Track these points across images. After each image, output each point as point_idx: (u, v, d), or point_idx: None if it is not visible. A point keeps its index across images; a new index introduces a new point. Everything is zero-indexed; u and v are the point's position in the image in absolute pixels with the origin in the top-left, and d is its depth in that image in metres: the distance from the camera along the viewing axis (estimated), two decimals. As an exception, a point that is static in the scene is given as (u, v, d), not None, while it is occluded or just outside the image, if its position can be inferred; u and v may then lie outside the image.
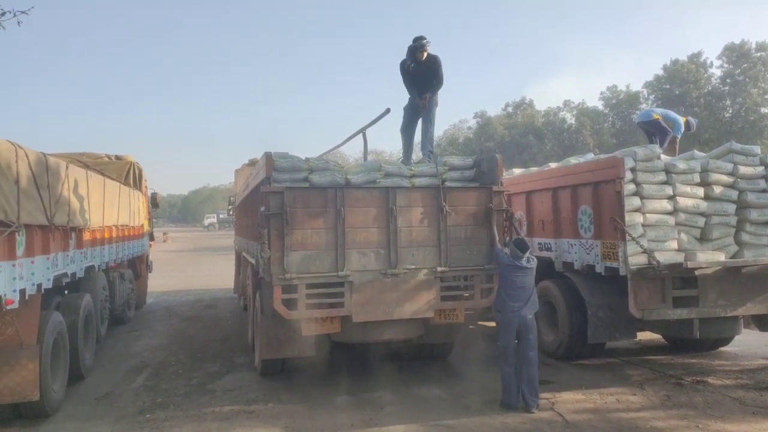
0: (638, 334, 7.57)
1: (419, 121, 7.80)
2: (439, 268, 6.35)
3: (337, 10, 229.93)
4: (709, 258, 6.53)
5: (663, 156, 7.09)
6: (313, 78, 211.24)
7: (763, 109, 33.60)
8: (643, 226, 6.62)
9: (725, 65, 34.38)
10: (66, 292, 7.60)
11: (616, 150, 8.79)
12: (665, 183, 6.76)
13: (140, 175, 11.97)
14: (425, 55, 7.38)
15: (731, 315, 6.85)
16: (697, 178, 6.88)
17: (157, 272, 16.10)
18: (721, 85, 34.64)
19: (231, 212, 15.94)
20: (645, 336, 8.17)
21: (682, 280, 6.70)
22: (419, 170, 6.65)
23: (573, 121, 42.83)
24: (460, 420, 5.65)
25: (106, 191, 8.52)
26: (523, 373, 5.94)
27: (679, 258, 6.50)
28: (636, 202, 6.62)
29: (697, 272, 6.58)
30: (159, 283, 16.40)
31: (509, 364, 5.97)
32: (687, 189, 6.79)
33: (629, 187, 6.61)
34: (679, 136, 8.79)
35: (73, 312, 7.12)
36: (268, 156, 6.18)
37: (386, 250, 6.25)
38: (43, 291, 5.72)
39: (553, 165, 9.80)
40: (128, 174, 11.40)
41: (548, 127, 42.58)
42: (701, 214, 6.83)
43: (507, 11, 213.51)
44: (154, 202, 14.16)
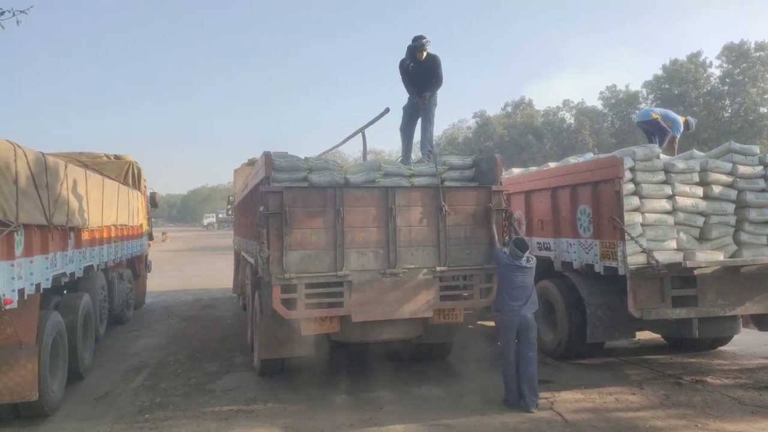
0: (637, 333, 7.57)
1: (418, 121, 7.79)
2: (439, 268, 6.34)
3: (339, 11, 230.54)
4: (708, 257, 6.53)
5: (662, 155, 7.09)
6: (315, 78, 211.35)
7: (762, 109, 33.65)
8: (642, 225, 6.62)
9: (724, 65, 34.44)
10: (65, 292, 7.58)
11: (616, 150, 8.79)
12: (664, 182, 6.76)
13: (139, 175, 11.95)
14: (425, 54, 7.37)
15: (730, 314, 6.85)
16: (696, 178, 6.88)
17: (156, 272, 16.07)
18: (720, 85, 34.68)
19: (230, 212, 15.91)
20: (644, 335, 8.17)
21: (681, 280, 6.70)
22: (418, 170, 6.66)
23: (572, 121, 42.89)
24: (460, 419, 5.65)
25: (104, 191, 8.51)
26: (522, 373, 5.94)
27: (678, 257, 6.50)
28: (635, 201, 6.62)
29: (696, 272, 6.58)
30: (158, 282, 16.39)
31: (510, 364, 5.98)
32: (686, 188, 6.80)
33: (628, 187, 6.61)
34: (678, 136, 8.80)
35: (71, 312, 7.11)
36: (267, 155, 6.17)
37: (385, 249, 6.24)
38: (41, 291, 5.71)
39: (552, 164, 9.79)
40: (127, 173, 11.40)
41: (547, 126, 42.64)
42: (700, 214, 6.83)
43: (509, 12, 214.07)
44: (153, 201, 14.16)
